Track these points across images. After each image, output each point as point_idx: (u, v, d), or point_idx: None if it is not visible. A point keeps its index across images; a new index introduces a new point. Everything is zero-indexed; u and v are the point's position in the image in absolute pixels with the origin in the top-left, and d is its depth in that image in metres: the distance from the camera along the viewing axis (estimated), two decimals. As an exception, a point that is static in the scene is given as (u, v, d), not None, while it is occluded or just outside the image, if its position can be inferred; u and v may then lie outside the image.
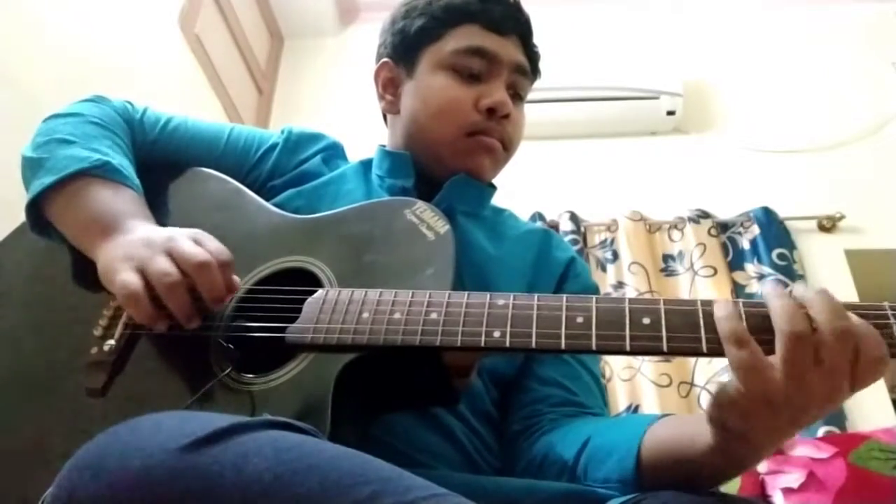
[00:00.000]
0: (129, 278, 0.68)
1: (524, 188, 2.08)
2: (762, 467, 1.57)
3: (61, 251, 0.81)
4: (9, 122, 1.45)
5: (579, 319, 0.59)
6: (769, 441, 0.56)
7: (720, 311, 0.54)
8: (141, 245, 0.71)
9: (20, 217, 0.82)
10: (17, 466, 0.66)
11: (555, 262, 0.93)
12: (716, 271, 2.15)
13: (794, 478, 1.46)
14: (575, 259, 0.95)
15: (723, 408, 0.55)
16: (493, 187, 0.99)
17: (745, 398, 0.52)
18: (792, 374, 0.50)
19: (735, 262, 2.21)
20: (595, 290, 0.97)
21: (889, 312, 0.53)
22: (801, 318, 0.51)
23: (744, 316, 0.54)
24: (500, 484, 0.70)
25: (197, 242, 0.70)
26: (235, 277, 0.71)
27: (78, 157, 0.79)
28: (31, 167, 0.81)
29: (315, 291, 0.69)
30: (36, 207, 0.80)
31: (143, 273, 0.68)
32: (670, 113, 2.48)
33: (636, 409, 1.93)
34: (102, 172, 0.79)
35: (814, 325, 0.51)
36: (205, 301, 0.68)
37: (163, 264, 0.67)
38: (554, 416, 0.81)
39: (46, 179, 0.78)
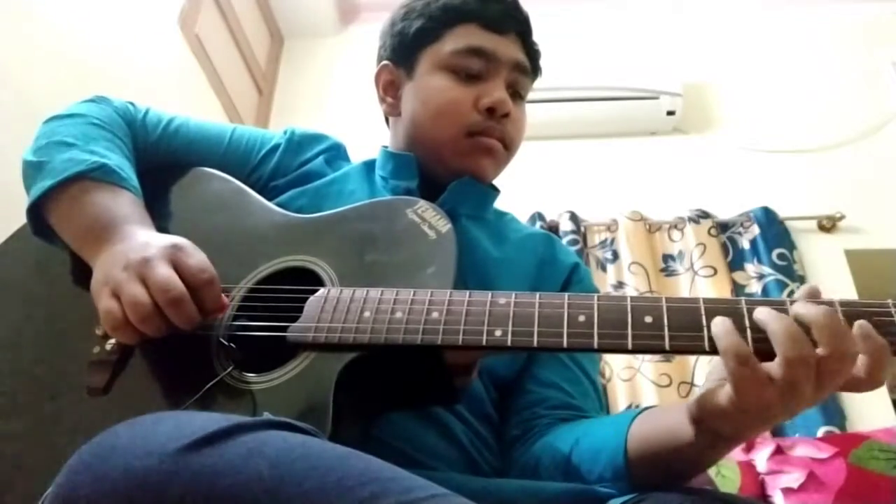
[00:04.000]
0: (108, 306, 0.66)
1: (524, 188, 2.08)
2: (762, 467, 1.57)
3: (63, 251, 0.81)
4: (8, 122, 1.45)
5: (581, 318, 0.59)
6: (751, 435, 0.59)
7: (718, 328, 0.54)
8: (118, 265, 0.68)
9: (21, 216, 0.82)
10: (17, 466, 0.66)
11: (560, 265, 0.93)
12: (716, 271, 2.15)
13: (794, 478, 1.46)
14: (579, 265, 0.95)
15: (713, 415, 0.57)
16: (497, 190, 0.99)
17: (738, 409, 0.54)
18: (790, 392, 0.51)
19: (735, 262, 2.22)
20: None
21: (892, 310, 0.53)
22: (805, 342, 0.51)
23: (747, 316, 0.54)
24: (500, 485, 0.70)
25: (174, 263, 0.68)
26: (224, 297, 0.69)
27: (76, 159, 0.78)
28: (31, 171, 0.81)
29: (317, 290, 0.69)
30: (36, 212, 0.80)
31: (118, 299, 0.67)
32: (670, 113, 2.48)
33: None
34: (100, 175, 0.78)
35: (817, 347, 0.51)
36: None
37: (134, 293, 0.65)
38: (550, 420, 0.81)
39: (45, 183, 0.77)
